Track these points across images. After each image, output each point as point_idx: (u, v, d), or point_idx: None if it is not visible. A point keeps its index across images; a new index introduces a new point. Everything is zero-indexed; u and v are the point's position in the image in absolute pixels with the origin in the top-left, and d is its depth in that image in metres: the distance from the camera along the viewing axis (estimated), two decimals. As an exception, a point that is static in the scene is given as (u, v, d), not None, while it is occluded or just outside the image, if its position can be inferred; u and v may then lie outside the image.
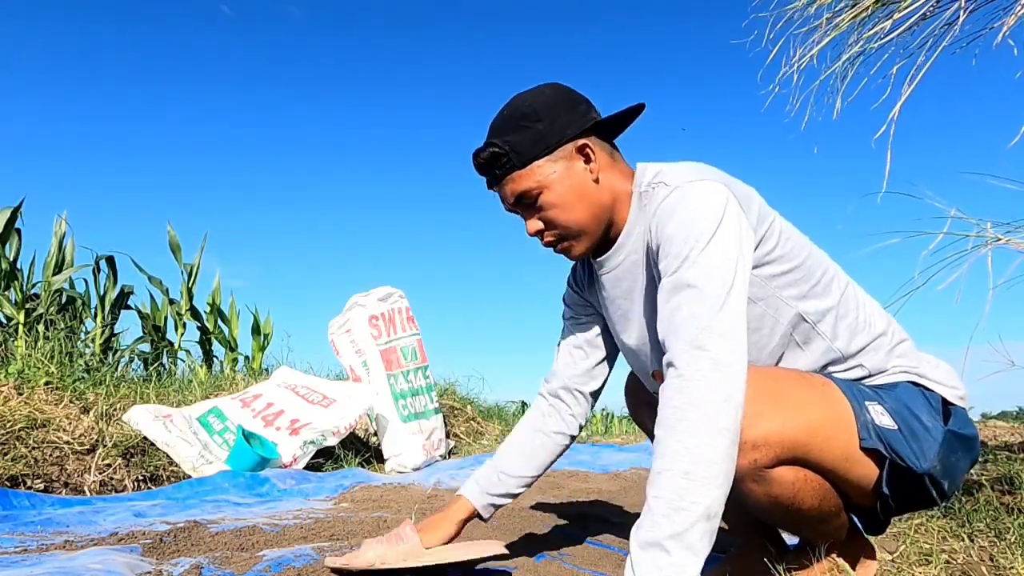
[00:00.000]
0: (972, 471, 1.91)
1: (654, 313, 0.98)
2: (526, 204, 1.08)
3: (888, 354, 1.06)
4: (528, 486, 1.29)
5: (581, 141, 1.05)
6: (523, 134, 1.05)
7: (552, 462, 1.29)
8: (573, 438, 1.29)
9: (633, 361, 1.22)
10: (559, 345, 1.31)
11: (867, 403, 0.99)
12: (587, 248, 1.10)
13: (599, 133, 1.09)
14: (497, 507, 1.27)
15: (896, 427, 0.98)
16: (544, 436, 1.27)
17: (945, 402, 1.03)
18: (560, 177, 1.05)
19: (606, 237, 1.11)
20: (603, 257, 1.12)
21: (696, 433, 0.82)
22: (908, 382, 1.04)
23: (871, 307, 1.09)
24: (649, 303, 1.08)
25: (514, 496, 1.27)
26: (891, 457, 0.96)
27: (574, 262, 1.26)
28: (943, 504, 1.08)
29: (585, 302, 1.26)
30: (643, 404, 1.29)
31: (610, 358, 1.28)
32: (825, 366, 1.05)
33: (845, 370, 1.05)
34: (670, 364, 0.88)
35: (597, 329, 1.26)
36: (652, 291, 1.06)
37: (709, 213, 0.94)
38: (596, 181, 1.06)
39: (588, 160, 1.06)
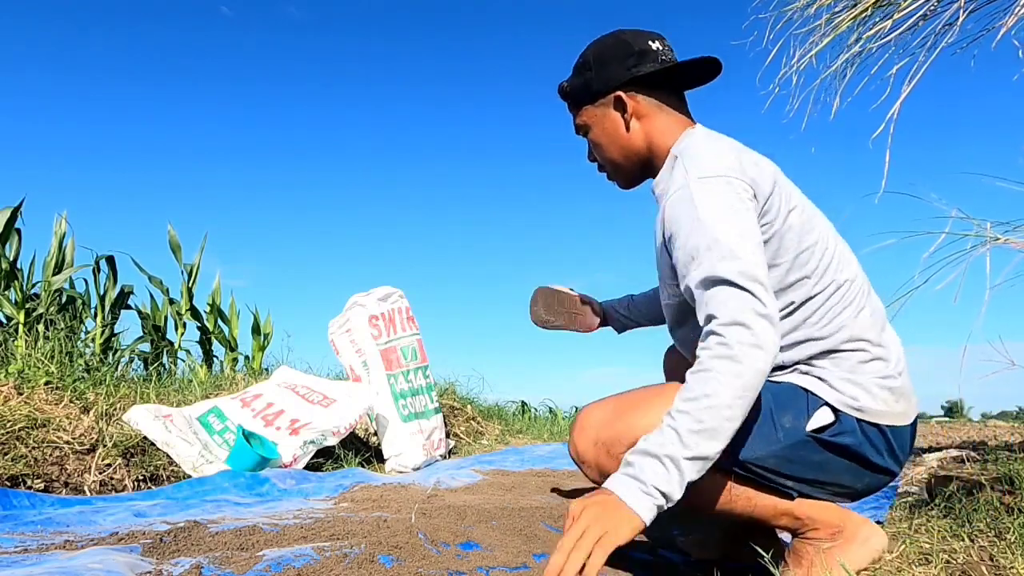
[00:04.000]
0: (973, 472, 1.91)
1: (663, 277, 1.20)
2: (583, 135, 1.30)
3: (807, 359, 1.11)
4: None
5: (619, 93, 1.20)
6: (579, 80, 1.25)
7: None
8: None
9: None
10: None
11: None
12: (625, 182, 1.30)
13: (652, 83, 1.20)
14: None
15: None
16: None
17: (835, 411, 1.08)
18: (599, 120, 1.24)
19: (648, 175, 1.27)
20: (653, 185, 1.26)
21: (719, 394, 0.92)
22: (795, 384, 1.10)
23: (836, 317, 1.10)
24: (660, 269, 1.23)
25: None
26: None
27: None
28: (843, 498, 1.15)
29: None
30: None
31: None
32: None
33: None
34: (713, 333, 0.96)
35: None
36: (662, 263, 1.19)
37: (713, 214, 1.02)
38: (628, 129, 1.22)
39: (624, 110, 1.21)
